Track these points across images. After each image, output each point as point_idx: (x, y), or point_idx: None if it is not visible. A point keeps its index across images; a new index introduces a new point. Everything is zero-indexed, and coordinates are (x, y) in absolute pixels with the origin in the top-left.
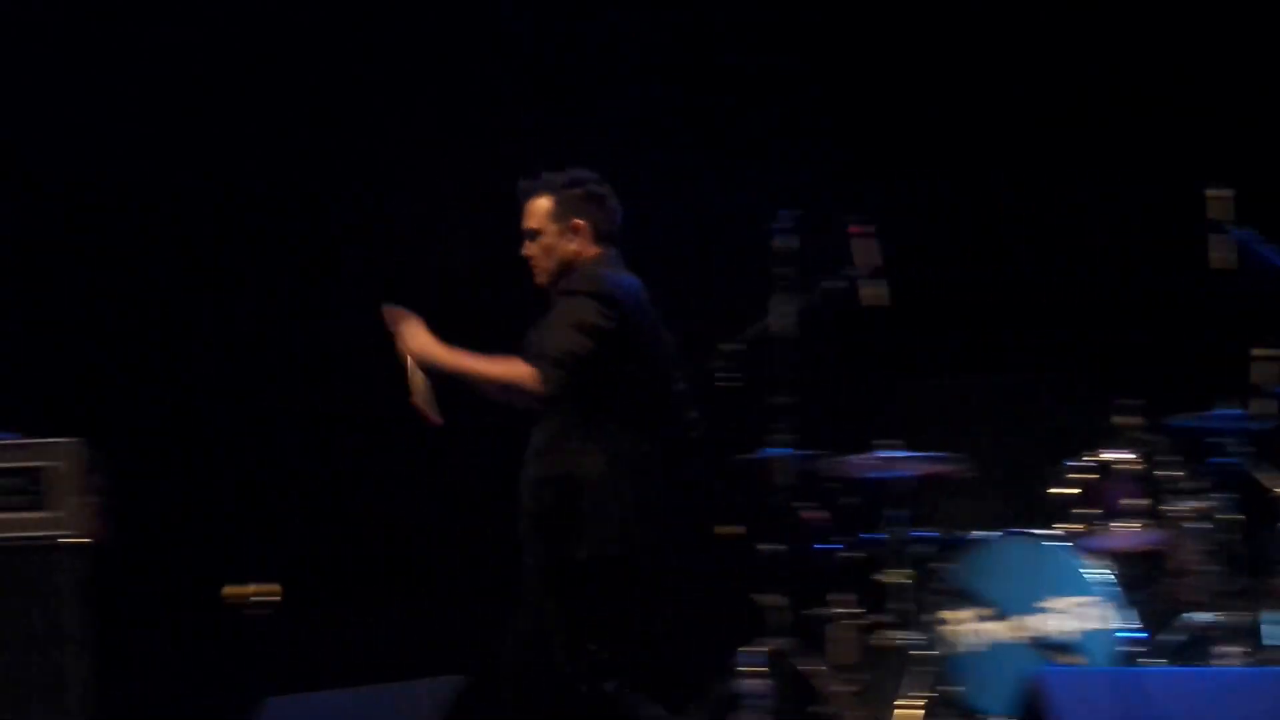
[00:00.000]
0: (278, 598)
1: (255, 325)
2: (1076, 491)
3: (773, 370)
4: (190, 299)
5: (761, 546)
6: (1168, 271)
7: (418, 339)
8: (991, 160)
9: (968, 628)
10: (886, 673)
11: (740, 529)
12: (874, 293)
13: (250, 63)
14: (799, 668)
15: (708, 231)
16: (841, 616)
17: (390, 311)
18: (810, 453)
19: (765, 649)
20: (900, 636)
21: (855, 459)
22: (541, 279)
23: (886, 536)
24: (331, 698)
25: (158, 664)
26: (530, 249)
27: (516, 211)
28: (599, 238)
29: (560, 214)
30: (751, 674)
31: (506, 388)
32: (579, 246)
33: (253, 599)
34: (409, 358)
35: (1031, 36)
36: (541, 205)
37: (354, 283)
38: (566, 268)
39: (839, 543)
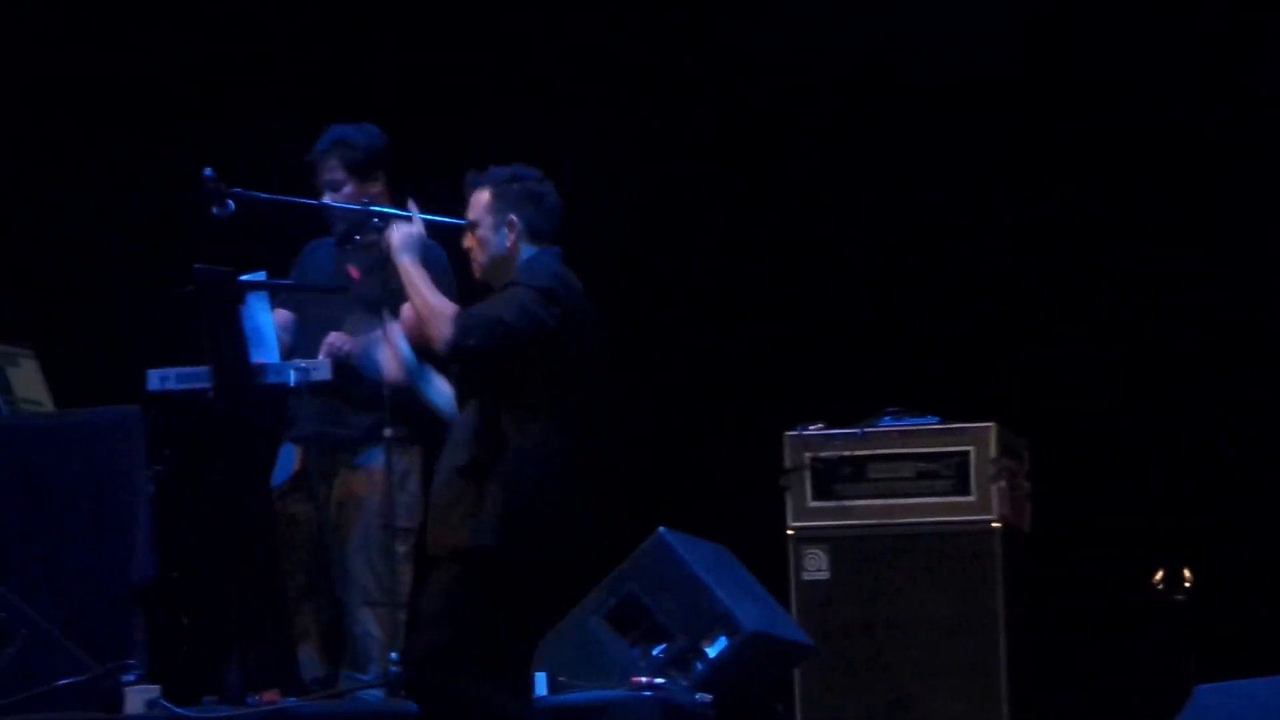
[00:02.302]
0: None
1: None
2: None
3: None
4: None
5: None
6: None
7: (408, 237)
8: None
9: None
10: None
11: None
12: None
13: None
14: None
15: None
16: None
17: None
18: None
19: None
20: None
21: None
22: (476, 272)
23: None
24: (1266, 684)
25: (1086, 650)
26: (468, 241)
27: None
28: (534, 235)
29: (496, 208)
30: None
31: (428, 318)
32: (511, 243)
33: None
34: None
35: None
36: (481, 198)
37: None
38: (501, 263)
39: None
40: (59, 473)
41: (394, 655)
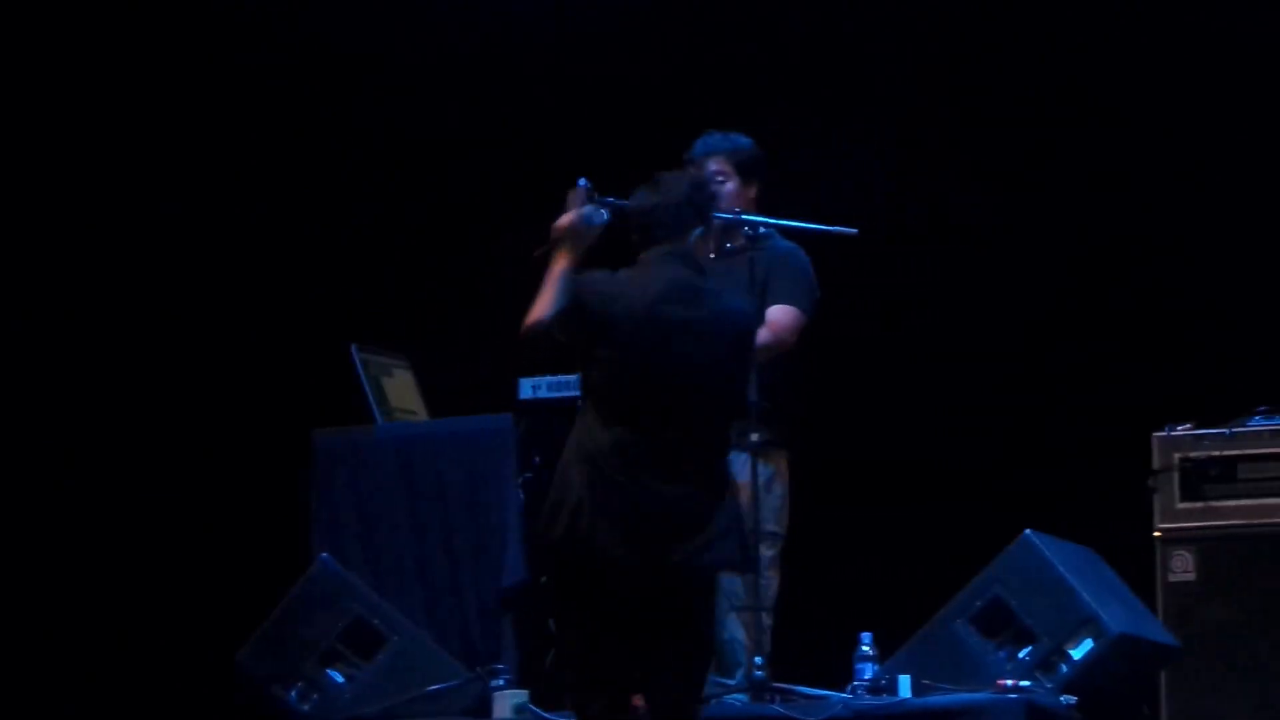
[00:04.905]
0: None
1: None
2: None
3: None
4: None
5: None
6: None
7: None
8: None
9: None
10: None
11: None
12: None
13: None
14: None
15: None
16: None
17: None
18: None
19: None
20: None
21: None
22: None
23: None
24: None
25: None
26: None
27: None
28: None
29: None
30: None
31: (538, 298)
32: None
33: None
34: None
35: None
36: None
37: None
38: None
39: None
40: (432, 480)
41: (758, 660)
